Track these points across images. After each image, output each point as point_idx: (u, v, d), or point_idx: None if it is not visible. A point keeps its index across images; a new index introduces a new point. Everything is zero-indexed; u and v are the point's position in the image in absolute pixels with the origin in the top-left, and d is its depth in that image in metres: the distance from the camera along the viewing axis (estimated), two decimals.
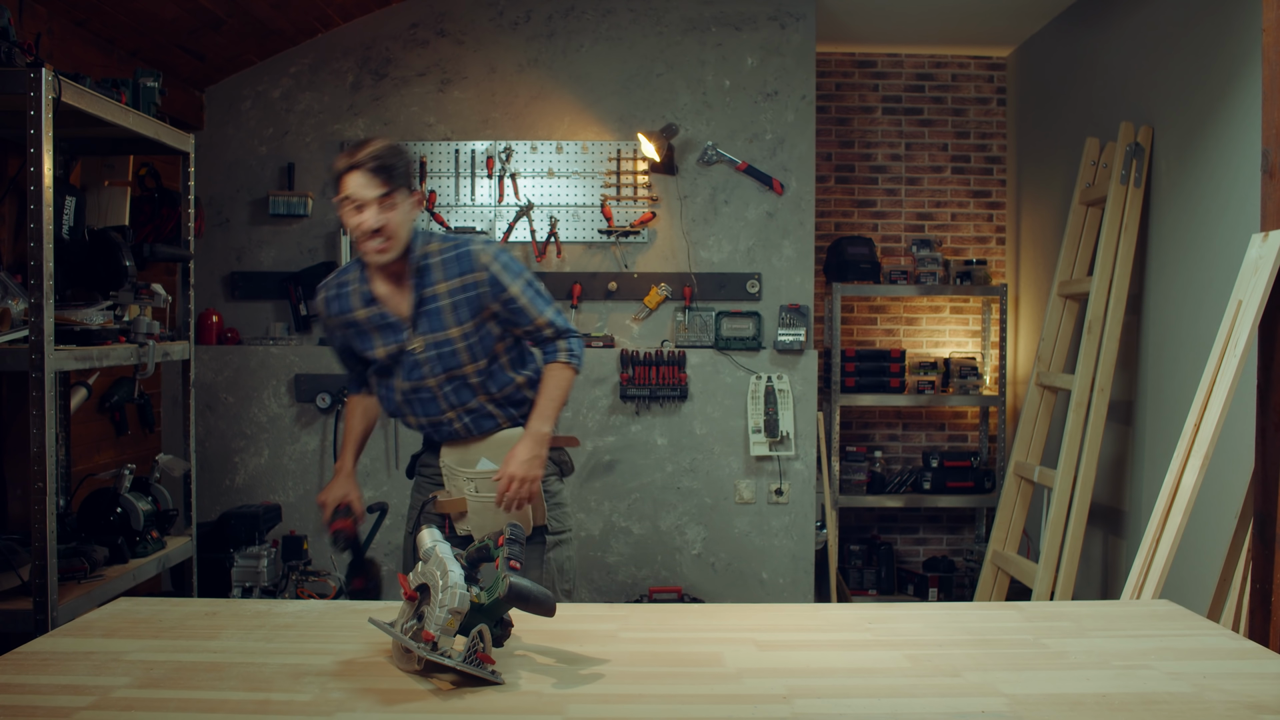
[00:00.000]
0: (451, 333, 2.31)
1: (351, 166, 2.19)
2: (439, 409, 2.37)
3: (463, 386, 2.35)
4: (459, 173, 4.31)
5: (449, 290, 2.31)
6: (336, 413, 4.21)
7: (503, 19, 4.33)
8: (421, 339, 2.32)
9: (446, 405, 2.36)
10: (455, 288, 2.31)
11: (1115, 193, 3.83)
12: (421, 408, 2.38)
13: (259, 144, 4.34)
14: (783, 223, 4.34)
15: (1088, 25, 4.35)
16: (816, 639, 1.71)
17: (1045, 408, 4.29)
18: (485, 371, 2.35)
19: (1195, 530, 3.16)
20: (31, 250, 2.38)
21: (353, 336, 2.39)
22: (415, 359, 2.33)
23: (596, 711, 1.40)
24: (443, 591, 1.50)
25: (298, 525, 4.19)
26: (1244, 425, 2.75)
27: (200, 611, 1.86)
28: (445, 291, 2.31)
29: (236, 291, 4.33)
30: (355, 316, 2.36)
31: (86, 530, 2.88)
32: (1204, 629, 1.79)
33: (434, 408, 2.37)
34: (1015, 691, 1.46)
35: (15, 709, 1.37)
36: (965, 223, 5.30)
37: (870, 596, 5.00)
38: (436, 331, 2.31)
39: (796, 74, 4.33)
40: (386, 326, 2.34)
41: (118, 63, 3.59)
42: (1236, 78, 3.23)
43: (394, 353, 2.34)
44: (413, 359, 2.33)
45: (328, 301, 2.41)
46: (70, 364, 2.53)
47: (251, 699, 1.42)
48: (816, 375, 4.35)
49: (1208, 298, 3.35)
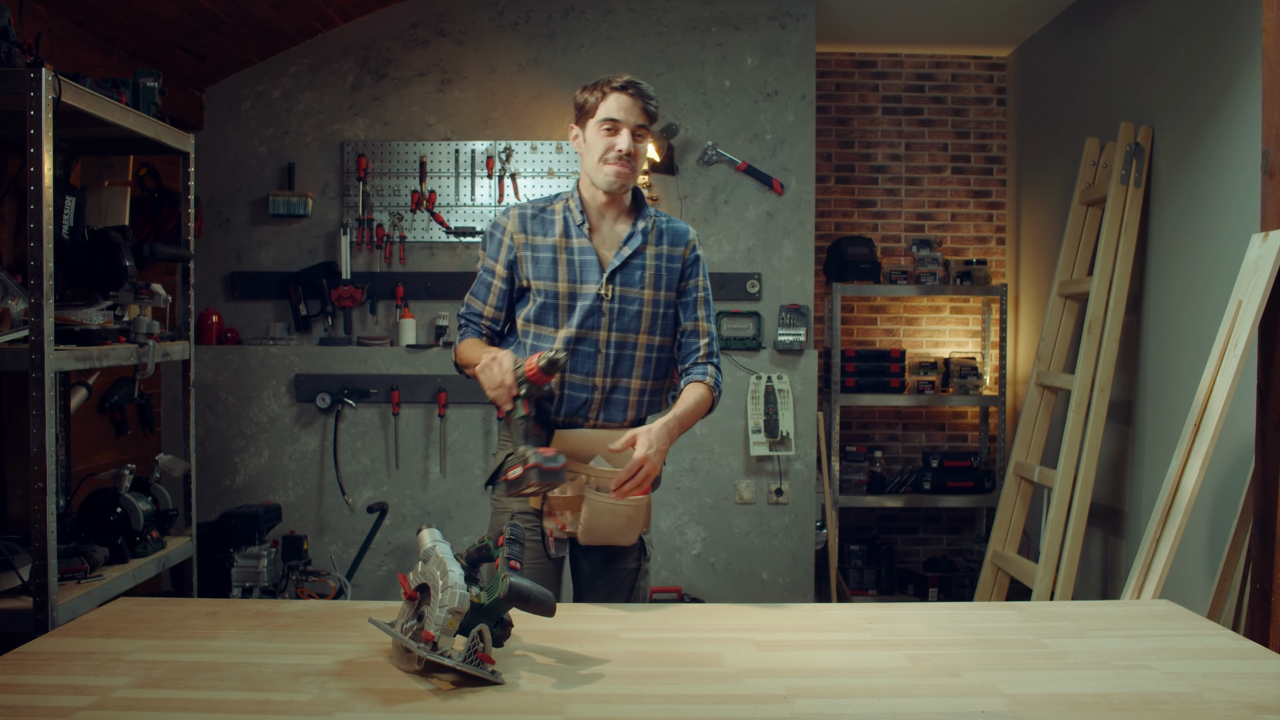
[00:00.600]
0: (645, 293, 2.24)
1: (625, 86, 2.17)
2: (593, 368, 2.22)
3: (627, 355, 2.24)
4: (459, 173, 4.31)
5: (656, 254, 2.26)
6: (336, 413, 4.21)
7: (503, 19, 4.33)
8: (613, 287, 2.22)
9: (603, 369, 2.22)
10: (662, 253, 2.26)
11: (1115, 193, 3.83)
12: (580, 363, 2.22)
13: (259, 144, 4.34)
14: (783, 223, 4.34)
15: (1088, 25, 4.35)
16: (816, 639, 1.71)
17: (1045, 408, 4.29)
18: (654, 349, 2.26)
19: (1195, 530, 3.16)
20: (31, 250, 2.38)
21: (529, 263, 2.24)
22: (598, 305, 2.21)
23: (596, 711, 1.40)
24: (443, 591, 1.50)
25: (298, 525, 4.20)
26: (1244, 425, 2.75)
27: (200, 611, 1.86)
28: (653, 255, 2.26)
29: (236, 291, 4.33)
30: (553, 241, 2.24)
31: (86, 530, 2.88)
32: (1204, 629, 1.79)
33: (589, 365, 2.22)
34: (1015, 691, 1.46)
35: (15, 709, 1.37)
36: (965, 223, 5.30)
37: (870, 596, 5.00)
38: (630, 286, 2.23)
39: (796, 74, 4.33)
40: (584, 263, 2.23)
41: (118, 63, 3.59)
42: (1236, 78, 3.23)
43: (576, 291, 2.22)
44: (594, 304, 2.21)
45: (523, 219, 2.26)
46: (70, 364, 2.53)
47: (251, 699, 1.42)
48: (816, 375, 4.35)
49: (1208, 298, 3.35)
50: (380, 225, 4.30)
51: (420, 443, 4.24)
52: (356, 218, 4.29)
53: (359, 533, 4.20)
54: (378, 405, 4.23)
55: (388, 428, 4.24)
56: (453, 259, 4.32)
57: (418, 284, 4.29)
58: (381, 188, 4.31)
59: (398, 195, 4.31)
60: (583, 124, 2.22)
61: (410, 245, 4.31)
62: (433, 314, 4.30)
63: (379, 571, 4.24)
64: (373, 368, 4.22)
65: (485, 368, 2.08)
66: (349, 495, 4.23)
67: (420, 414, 4.24)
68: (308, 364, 4.23)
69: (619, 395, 2.24)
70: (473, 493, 4.25)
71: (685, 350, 2.31)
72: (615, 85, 2.17)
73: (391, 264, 4.31)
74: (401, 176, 4.31)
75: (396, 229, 4.29)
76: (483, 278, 2.31)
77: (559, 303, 2.22)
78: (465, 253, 4.33)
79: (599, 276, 2.22)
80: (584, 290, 2.22)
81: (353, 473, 4.25)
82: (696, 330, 2.30)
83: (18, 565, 2.52)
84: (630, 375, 2.25)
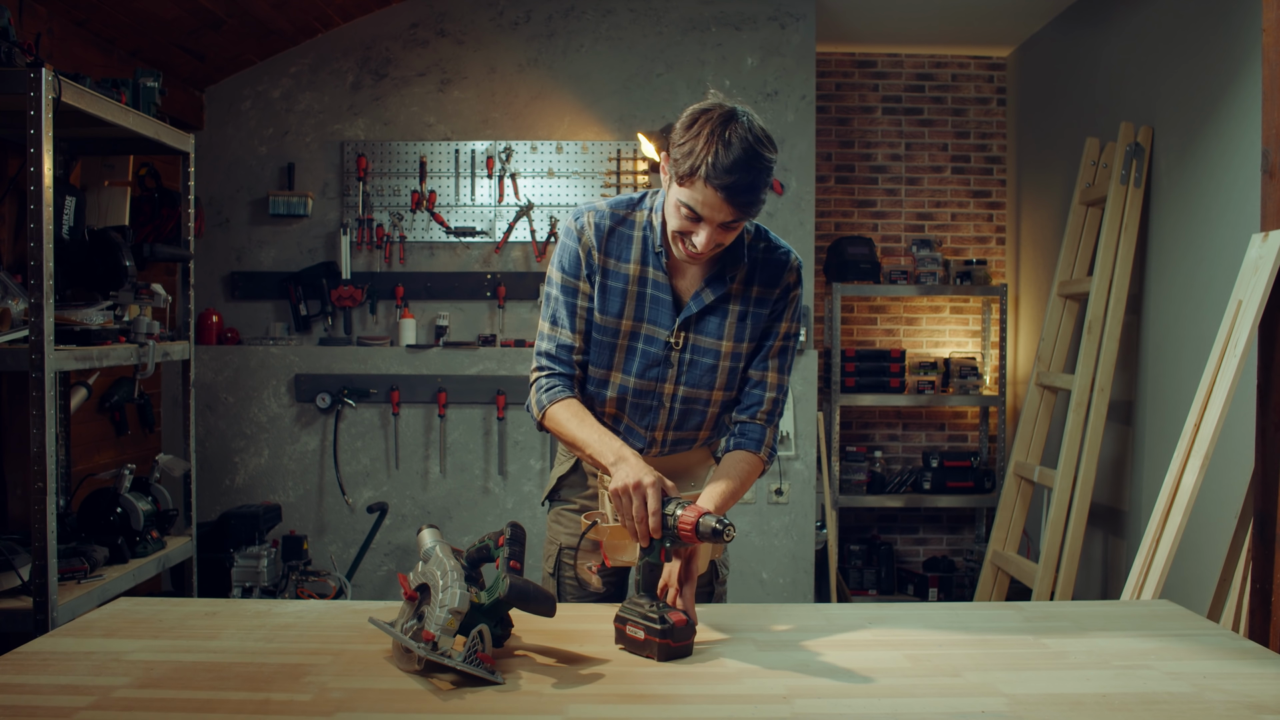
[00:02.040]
0: (724, 345, 1.85)
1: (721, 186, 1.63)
2: (654, 422, 1.90)
3: (695, 411, 1.90)
4: (459, 173, 4.31)
5: (743, 298, 1.85)
6: (336, 413, 4.21)
7: (503, 19, 4.33)
8: (685, 335, 1.85)
9: (665, 423, 1.90)
10: (750, 297, 1.85)
11: (1115, 193, 3.83)
12: (637, 414, 1.90)
13: (259, 144, 4.34)
14: (783, 223, 4.34)
15: (1088, 25, 4.35)
16: (816, 639, 1.71)
17: (1045, 408, 4.29)
18: (723, 403, 1.92)
19: (1195, 530, 3.16)
20: (31, 250, 2.38)
21: (598, 292, 1.84)
22: (665, 355, 1.85)
23: (596, 711, 1.40)
24: (443, 591, 1.50)
25: (298, 525, 4.20)
26: (1244, 425, 2.75)
27: (200, 611, 1.86)
28: (739, 298, 1.85)
29: (236, 291, 4.33)
30: (628, 270, 1.84)
31: (86, 530, 2.89)
32: (1204, 629, 1.79)
33: (651, 419, 1.90)
34: (1015, 691, 1.46)
35: (15, 709, 1.37)
36: (965, 223, 5.30)
37: (870, 596, 5.00)
38: (706, 336, 1.85)
39: (796, 74, 4.33)
40: (655, 299, 1.84)
41: (118, 63, 3.59)
42: (1236, 78, 3.23)
43: (639, 332, 1.85)
44: (662, 353, 1.85)
45: (600, 232, 1.84)
46: (70, 364, 2.53)
47: (251, 699, 1.42)
48: (816, 375, 4.35)
49: (1208, 298, 3.35)
50: (380, 225, 4.30)
51: (420, 443, 4.24)
52: (356, 218, 4.29)
53: (359, 533, 4.20)
54: (378, 405, 4.23)
55: (387, 428, 4.23)
56: (453, 259, 4.32)
57: (418, 284, 4.29)
58: (381, 188, 4.31)
59: (398, 195, 4.31)
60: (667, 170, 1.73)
61: (410, 245, 4.31)
62: (433, 314, 4.30)
63: (379, 571, 4.24)
64: (373, 368, 4.22)
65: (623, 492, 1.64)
66: (349, 495, 4.23)
67: (420, 414, 4.24)
68: (308, 364, 4.23)
69: (683, 446, 1.95)
70: (473, 493, 4.25)
71: (745, 400, 1.91)
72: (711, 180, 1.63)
73: (391, 264, 4.31)
74: (401, 176, 4.31)
75: (396, 229, 4.29)
76: (561, 300, 1.86)
77: (618, 341, 1.86)
78: (465, 253, 4.33)
79: (670, 322, 1.84)
80: (651, 333, 1.85)
81: (353, 473, 4.25)
82: (764, 382, 1.89)
83: (18, 565, 2.52)
84: (698, 428, 1.94)
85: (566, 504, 2.04)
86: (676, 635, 1.59)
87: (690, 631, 1.61)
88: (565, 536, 2.01)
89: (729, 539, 1.55)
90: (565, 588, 2.05)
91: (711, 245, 1.72)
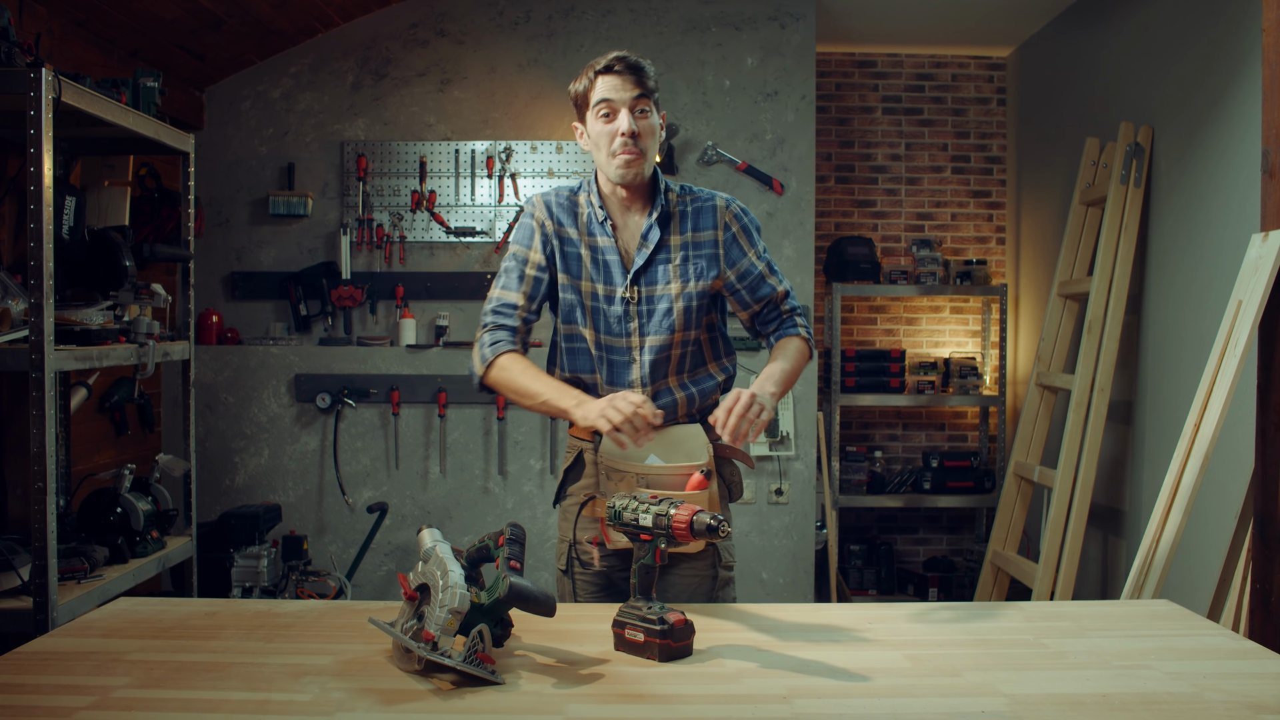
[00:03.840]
0: (672, 287, 2.04)
1: (609, 66, 1.96)
2: (629, 377, 2.05)
3: (663, 359, 2.04)
4: (459, 173, 4.31)
5: (681, 244, 2.05)
6: (336, 413, 4.21)
7: (503, 19, 4.33)
8: (638, 289, 2.04)
9: (639, 377, 2.04)
10: (688, 242, 2.05)
11: (1115, 193, 3.83)
12: (613, 372, 2.06)
13: (259, 144, 4.34)
14: (783, 223, 4.34)
15: (1088, 25, 4.35)
16: (816, 639, 1.71)
17: (1045, 408, 4.29)
18: (688, 344, 2.06)
19: (1195, 530, 3.16)
20: (31, 250, 2.38)
21: (559, 255, 2.07)
22: (625, 309, 2.04)
23: (596, 711, 1.40)
24: (443, 591, 1.50)
25: (298, 525, 4.20)
26: (1244, 425, 2.75)
27: (200, 611, 1.86)
28: (678, 245, 2.05)
29: (236, 291, 4.33)
30: (578, 237, 2.07)
31: (86, 530, 2.89)
32: (1204, 629, 1.79)
33: (625, 375, 2.05)
34: (1015, 691, 1.46)
35: (15, 709, 1.37)
36: (965, 223, 5.30)
37: (870, 596, 5.00)
38: (655, 284, 2.04)
39: (796, 74, 4.33)
40: (608, 263, 2.05)
41: (118, 63, 3.59)
42: (1236, 78, 3.23)
43: (599, 293, 2.05)
44: (622, 309, 2.04)
45: (549, 206, 2.08)
46: (70, 364, 2.53)
47: (251, 699, 1.42)
48: (816, 375, 4.35)
49: (1208, 298, 3.35)
50: (380, 225, 4.30)
51: (420, 443, 4.24)
52: (356, 218, 4.29)
53: (359, 533, 4.20)
54: (378, 405, 4.23)
55: (388, 428, 4.23)
56: (453, 259, 4.32)
57: (418, 284, 4.29)
58: (381, 188, 4.31)
59: (398, 195, 4.31)
60: (583, 118, 2.03)
61: (410, 245, 4.31)
62: (433, 314, 4.30)
63: (379, 571, 4.24)
64: (373, 368, 4.22)
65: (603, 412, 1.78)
66: (349, 495, 4.23)
67: (420, 414, 4.24)
68: (308, 364, 4.23)
69: (664, 398, 2.05)
70: (473, 493, 4.25)
71: (766, 319, 2.12)
72: (600, 67, 1.97)
73: (391, 264, 4.31)
74: (401, 176, 4.31)
75: (396, 229, 4.29)
76: (511, 267, 2.08)
77: (585, 303, 2.06)
78: (465, 253, 4.33)
79: (623, 279, 2.04)
80: (610, 293, 2.04)
81: (353, 473, 4.25)
82: (773, 297, 2.10)
83: (18, 565, 2.52)
84: (667, 375, 2.06)
85: (571, 497, 2.12)
86: (676, 635, 1.60)
87: (690, 631, 1.63)
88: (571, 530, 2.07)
89: (724, 535, 1.58)
90: (579, 586, 2.07)
91: (633, 130, 1.96)
